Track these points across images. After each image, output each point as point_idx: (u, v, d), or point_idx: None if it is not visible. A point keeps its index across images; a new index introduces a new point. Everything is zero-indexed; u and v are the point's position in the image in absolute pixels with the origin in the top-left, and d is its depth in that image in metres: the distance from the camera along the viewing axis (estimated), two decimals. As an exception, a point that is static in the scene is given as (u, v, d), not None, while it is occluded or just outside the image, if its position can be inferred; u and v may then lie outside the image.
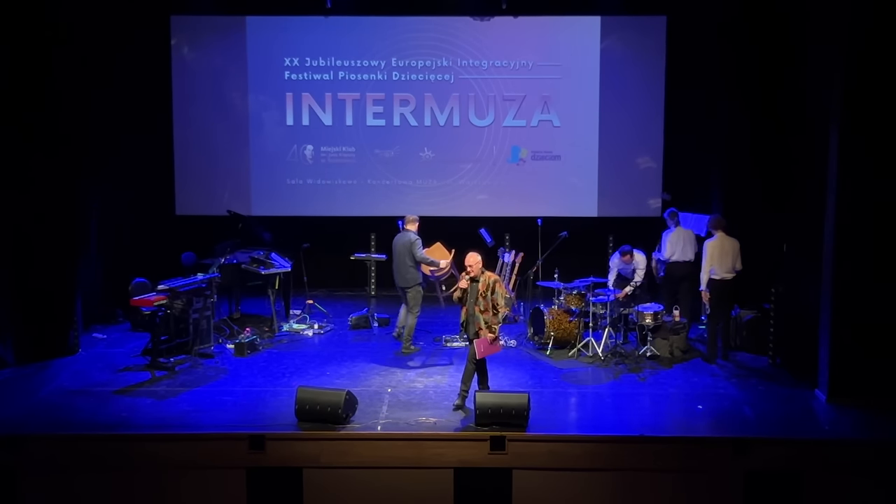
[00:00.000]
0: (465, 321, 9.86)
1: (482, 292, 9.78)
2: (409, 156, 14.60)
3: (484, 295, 9.77)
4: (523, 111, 14.45)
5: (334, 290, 14.66)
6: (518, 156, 14.57)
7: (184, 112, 14.40)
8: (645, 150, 14.37)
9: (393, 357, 11.64)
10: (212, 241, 13.27)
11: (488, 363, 11.12)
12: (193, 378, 10.88)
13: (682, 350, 11.73)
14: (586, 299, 11.84)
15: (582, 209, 14.52)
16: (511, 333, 12.59)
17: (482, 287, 9.78)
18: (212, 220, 14.10)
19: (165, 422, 9.63)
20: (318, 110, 14.48)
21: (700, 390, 10.60)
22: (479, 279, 9.77)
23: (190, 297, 11.45)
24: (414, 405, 10.02)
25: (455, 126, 14.51)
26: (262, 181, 14.60)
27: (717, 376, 11.11)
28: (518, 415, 9.36)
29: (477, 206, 14.61)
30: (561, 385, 10.76)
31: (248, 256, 12.84)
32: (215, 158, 14.50)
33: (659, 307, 11.68)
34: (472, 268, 9.76)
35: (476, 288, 9.76)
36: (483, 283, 9.79)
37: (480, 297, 9.76)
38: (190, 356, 11.36)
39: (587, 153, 14.48)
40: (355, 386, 10.32)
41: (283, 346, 12.17)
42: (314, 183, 14.63)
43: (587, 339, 11.71)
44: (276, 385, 10.67)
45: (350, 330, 12.87)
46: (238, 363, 11.42)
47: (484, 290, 9.79)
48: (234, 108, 14.42)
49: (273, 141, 14.55)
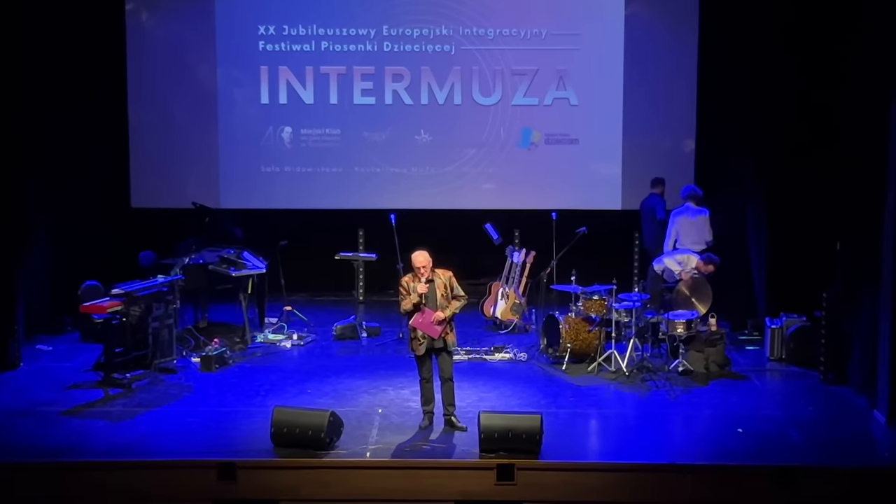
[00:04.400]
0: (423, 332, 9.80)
1: (443, 293, 9.82)
2: (404, 139, 14.64)
3: (446, 296, 9.82)
4: (535, 87, 14.49)
5: (316, 294, 14.68)
6: (529, 139, 14.65)
7: (141, 88, 14.43)
8: (676, 132, 14.45)
9: (384, 372, 11.67)
10: (174, 238, 13.25)
11: (493, 378, 11.30)
12: (153, 397, 10.87)
13: (719, 364, 11.76)
14: (608, 305, 11.82)
15: (603, 201, 14.56)
16: (521, 345, 12.60)
17: (441, 288, 9.81)
18: (174, 213, 14.10)
19: (120, 447, 9.60)
20: (297, 86, 14.53)
21: (740, 411, 10.59)
22: (434, 280, 9.80)
23: (149, 303, 11.44)
24: (408, 428, 10.00)
25: (456, 105, 14.55)
26: (233, 168, 14.64)
27: (760, 395, 11.15)
28: (529, 439, 9.34)
29: (482, 197, 14.67)
30: (579, 405, 10.76)
31: (216, 256, 12.83)
32: (178, 142, 14.53)
33: (692, 314, 11.71)
34: (425, 269, 9.77)
35: (434, 290, 9.80)
36: (440, 283, 9.83)
37: (442, 298, 9.79)
38: (149, 371, 11.36)
39: (609, 136, 14.52)
40: (341, 406, 10.30)
41: (256, 359, 12.21)
42: (293, 171, 14.69)
43: (609, 351, 11.71)
44: (249, 405, 10.67)
45: (335, 341, 12.90)
46: (205, 379, 11.44)
47: (444, 290, 9.83)
48: (201, 84, 14.46)
49: (245, 122, 14.59)
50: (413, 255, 9.86)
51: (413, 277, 9.84)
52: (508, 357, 12.21)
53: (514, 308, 13.22)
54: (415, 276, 9.82)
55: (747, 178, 13.34)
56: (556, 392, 11.09)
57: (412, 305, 9.79)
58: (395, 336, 12.91)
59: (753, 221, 13.13)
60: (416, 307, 9.78)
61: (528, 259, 13.29)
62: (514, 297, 13.23)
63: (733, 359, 12.06)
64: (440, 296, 9.80)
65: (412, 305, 9.79)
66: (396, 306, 12.60)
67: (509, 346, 12.51)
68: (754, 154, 13.15)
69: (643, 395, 11.00)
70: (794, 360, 12.02)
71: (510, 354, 12.26)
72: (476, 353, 12.27)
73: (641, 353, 11.74)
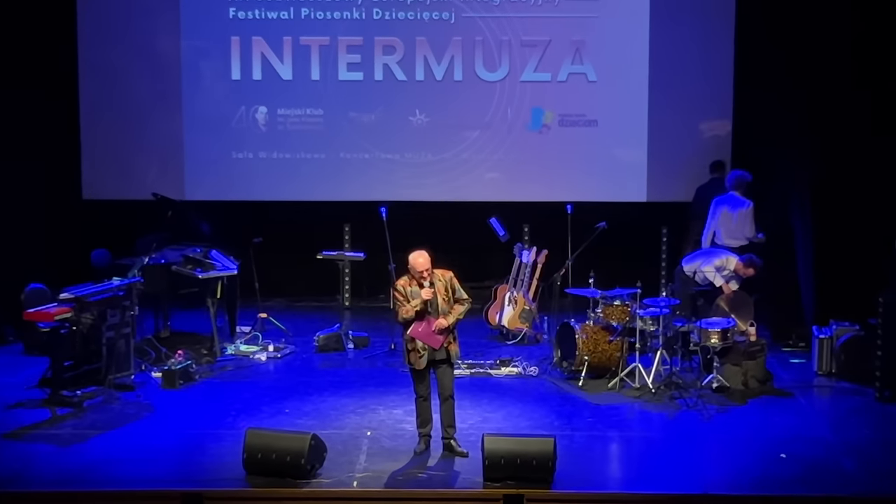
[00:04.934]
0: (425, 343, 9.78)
1: (444, 297, 9.81)
2: (396, 121, 14.67)
3: (447, 300, 9.82)
4: (548, 61, 14.51)
5: (296, 299, 14.73)
6: (541, 121, 14.68)
7: (93, 63, 14.47)
8: (711, 112, 14.50)
9: (374, 389, 11.67)
10: (131, 234, 13.29)
11: (499, 396, 11.42)
12: (108, 417, 10.86)
13: (759, 380, 11.75)
14: (632, 312, 11.82)
15: (626, 192, 14.61)
16: (531, 358, 12.60)
17: (441, 291, 9.80)
18: (132, 206, 14.13)
19: (70, 476, 9.53)
20: (273, 60, 14.57)
21: (784, 433, 10.57)
22: (434, 282, 9.80)
23: (103, 309, 11.43)
24: (402, 453, 9.98)
25: (457, 81, 14.58)
26: (200, 155, 14.67)
27: (807, 415, 11.13)
28: (540, 466, 9.29)
29: (486, 187, 14.71)
30: (597, 427, 10.74)
31: (180, 255, 12.83)
32: (136, 124, 14.57)
33: (729, 322, 11.71)
34: (427, 272, 9.75)
35: (435, 294, 9.79)
36: (441, 285, 9.82)
37: (444, 303, 9.79)
38: (103, 388, 11.34)
39: (633, 117, 14.55)
40: (324, 428, 10.30)
41: (227, 374, 12.23)
42: (268, 157, 14.75)
43: (633, 365, 11.71)
44: (219, 426, 10.65)
45: (317, 353, 12.92)
46: (167, 397, 11.44)
47: (445, 294, 9.82)
48: (162, 58, 14.51)
49: (214, 101, 14.62)
50: (412, 257, 9.83)
51: (409, 280, 9.83)
52: (517, 372, 12.21)
53: (524, 315, 13.24)
54: (411, 279, 9.82)
55: (793, 166, 13.34)
56: (572, 412, 11.09)
57: (415, 314, 9.75)
58: (387, 347, 12.90)
59: (799, 215, 13.16)
60: (420, 315, 9.75)
61: (540, 259, 13.28)
62: (523, 302, 13.24)
63: (776, 373, 12.03)
64: (441, 300, 9.79)
65: (415, 314, 9.75)
66: (388, 313, 12.61)
67: (518, 358, 12.52)
68: (801, 138, 13.13)
69: (672, 416, 11.01)
70: (845, 375, 12.02)
71: (518, 368, 12.26)
72: (479, 366, 12.25)
73: (670, 367, 11.67)
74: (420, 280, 9.76)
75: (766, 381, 11.80)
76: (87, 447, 10.16)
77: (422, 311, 9.75)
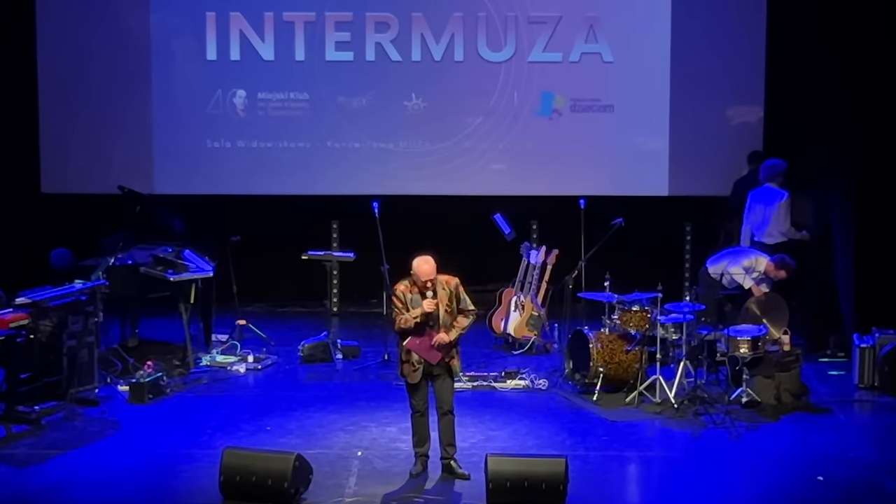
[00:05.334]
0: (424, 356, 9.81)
1: (447, 307, 9.82)
2: (390, 106, 14.71)
3: (450, 311, 9.83)
4: (558, 40, 14.53)
5: (278, 305, 14.75)
6: (551, 106, 14.70)
7: (54, 42, 14.47)
8: (740, 97, 14.49)
9: (365, 404, 11.66)
10: (96, 232, 13.28)
11: (504, 412, 11.44)
12: (69, 436, 10.81)
13: (793, 394, 11.76)
14: (652, 319, 11.82)
15: (645, 185, 14.64)
16: (540, 369, 12.62)
17: (445, 299, 9.81)
18: (95, 200, 14.12)
19: (27, 500, 9.48)
20: (253, 38, 14.59)
21: (821, 453, 10.56)
22: (437, 290, 9.80)
23: (63, 316, 11.42)
24: (396, 475, 9.94)
25: (457, 62, 14.62)
26: (171, 143, 14.69)
27: (847, 433, 11.12)
28: (550, 490, 9.24)
29: (490, 180, 14.72)
30: (614, 446, 10.73)
31: (149, 255, 12.82)
32: (101, 110, 14.59)
33: (760, 330, 11.70)
34: (433, 281, 9.74)
35: (437, 304, 9.78)
36: (444, 294, 9.81)
37: (446, 315, 9.80)
38: (64, 403, 11.29)
39: (654, 102, 14.60)
40: (309, 447, 10.28)
41: (201, 388, 12.23)
42: (248, 146, 14.78)
43: (653, 377, 11.70)
44: (193, 446, 10.63)
45: (302, 364, 12.93)
46: (135, 413, 11.41)
47: (449, 304, 9.82)
48: (129, 36, 14.53)
49: (187, 84, 14.65)
50: (416, 263, 9.80)
51: (411, 286, 9.83)
52: (524, 385, 12.23)
53: (532, 322, 13.29)
54: (412, 285, 9.82)
55: (832, 157, 13.30)
56: (585, 429, 11.09)
57: (413, 325, 9.75)
58: (379, 358, 12.92)
59: (839, 213, 13.17)
60: (419, 327, 9.75)
61: (549, 259, 13.27)
62: (530, 307, 13.28)
63: (812, 387, 12.05)
64: (443, 311, 9.79)
65: (413, 325, 9.75)
66: (380, 320, 12.66)
67: (525, 370, 12.54)
68: (841, 126, 13.09)
69: (696, 434, 11.00)
70: (889, 389, 12.02)
71: (526, 381, 12.28)
72: (483, 379, 12.27)
73: (694, 380, 11.68)
74: (423, 288, 9.76)
75: (801, 395, 11.80)
76: (46, 469, 10.11)
77: (422, 322, 9.75)
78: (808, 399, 11.80)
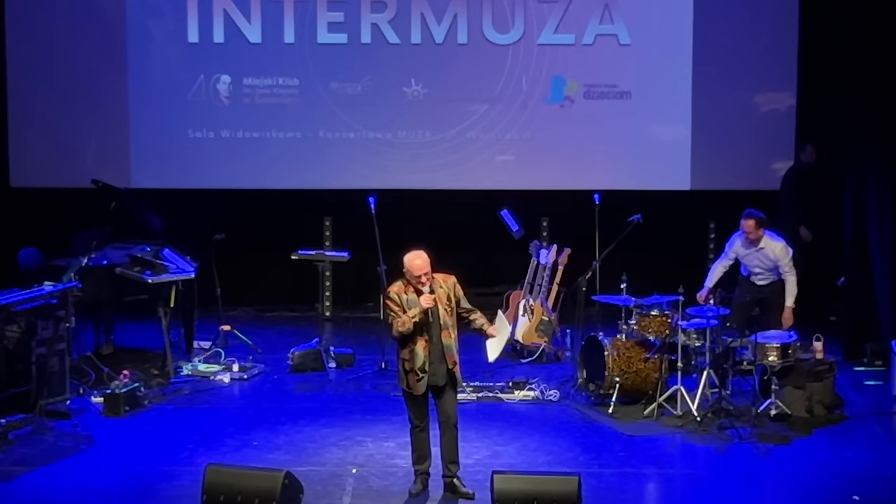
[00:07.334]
0: (426, 361, 9.72)
1: (447, 306, 9.75)
2: (387, 93, 14.67)
3: (450, 310, 9.77)
4: (570, 20, 14.46)
5: (266, 309, 14.78)
6: (562, 92, 14.59)
7: (22, 24, 14.44)
8: (769, 82, 14.49)
9: (360, 417, 11.62)
10: (67, 229, 13.20)
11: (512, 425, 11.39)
12: (38, 452, 10.76)
13: (827, 405, 11.66)
14: (672, 324, 11.70)
15: (665, 178, 14.60)
16: (551, 379, 12.54)
17: (444, 298, 9.75)
18: (67, 195, 14.14)
19: (-9, 522, 9.54)
20: (238, 19, 14.53)
21: (856, 470, 10.45)
22: (435, 289, 9.79)
23: (32, 321, 11.38)
24: (394, 494, 9.90)
25: (461, 45, 14.57)
26: (149, 134, 14.65)
27: (884, 448, 10.98)
28: (562, 510, 9.36)
29: (496, 173, 14.67)
30: (631, 462, 10.64)
31: (125, 255, 12.77)
32: (73, 97, 14.52)
33: (790, 337, 11.60)
34: (427, 276, 9.70)
35: (436, 302, 9.74)
36: (442, 293, 9.77)
37: (446, 315, 9.70)
38: (32, 416, 11.23)
39: (674, 88, 14.58)
40: (300, 464, 10.28)
41: (182, 399, 12.18)
42: (233, 136, 14.69)
43: (673, 388, 11.64)
44: (173, 463, 10.54)
45: (291, 373, 12.88)
46: (110, 427, 11.33)
47: (447, 303, 9.77)
48: (103, 17, 14.49)
49: (166, 69, 14.63)
50: (407, 259, 9.71)
51: (405, 286, 9.75)
52: (533, 396, 12.12)
53: (542, 328, 13.19)
54: (407, 285, 9.74)
55: (869, 149, 13.16)
56: (600, 444, 11.02)
57: (412, 326, 9.64)
58: (376, 367, 12.82)
59: (877, 209, 12.99)
60: (420, 328, 9.68)
61: (561, 259, 13.24)
62: (540, 312, 13.19)
63: (847, 398, 11.99)
64: (442, 310, 9.73)
65: (412, 326, 9.64)
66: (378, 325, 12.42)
67: (534, 380, 12.36)
68: (880, 114, 12.95)
69: (721, 450, 10.93)
70: (931, 400, 12.01)
71: (535, 392, 12.14)
72: (489, 390, 12.18)
73: (718, 391, 11.63)
74: (418, 286, 9.66)
75: (835, 407, 11.74)
76: (13, 488, 10.04)
77: (421, 322, 9.61)
78: (843, 411, 11.76)
